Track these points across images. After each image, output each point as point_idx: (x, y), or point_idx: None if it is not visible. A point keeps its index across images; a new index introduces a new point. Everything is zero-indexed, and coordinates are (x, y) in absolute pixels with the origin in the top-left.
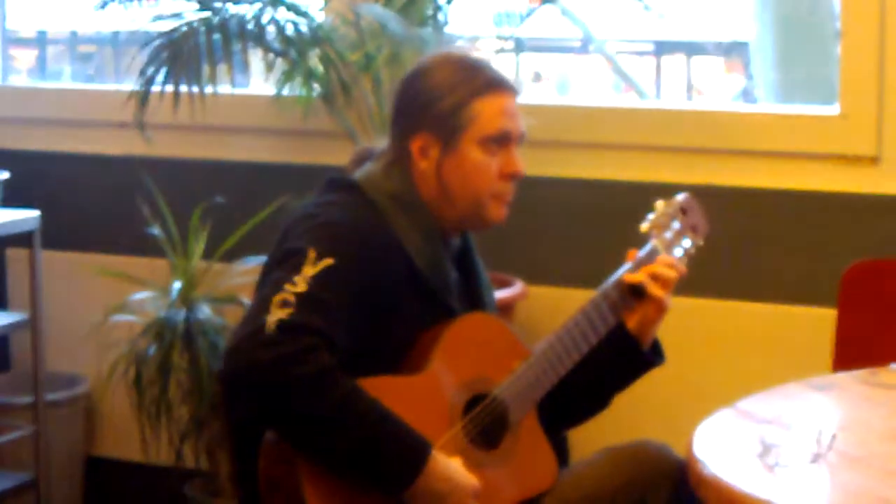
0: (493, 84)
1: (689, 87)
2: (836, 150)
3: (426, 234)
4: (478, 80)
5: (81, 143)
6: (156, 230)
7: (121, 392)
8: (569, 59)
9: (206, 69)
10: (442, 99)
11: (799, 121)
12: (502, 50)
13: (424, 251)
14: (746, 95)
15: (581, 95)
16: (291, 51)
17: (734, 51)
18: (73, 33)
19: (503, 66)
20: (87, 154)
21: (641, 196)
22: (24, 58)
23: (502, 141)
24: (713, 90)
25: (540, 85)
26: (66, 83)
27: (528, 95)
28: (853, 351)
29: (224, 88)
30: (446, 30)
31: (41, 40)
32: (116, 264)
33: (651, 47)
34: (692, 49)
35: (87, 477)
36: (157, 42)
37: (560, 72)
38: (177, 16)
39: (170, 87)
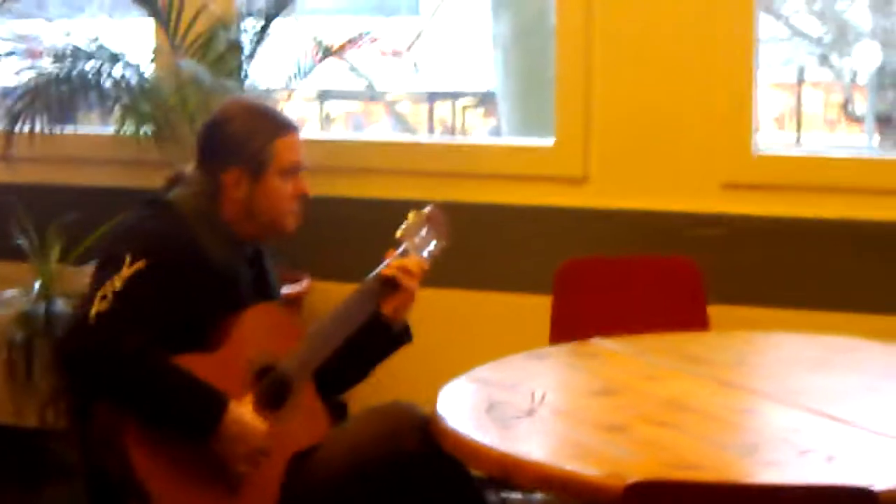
0: (284, 126)
1: (455, 129)
2: (552, 172)
3: (223, 243)
4: (272, 124)
5: None
6: (21, 240)
7: None
8: (356, 105)
9: (58, 113)
10: (247, 142)
11: (525, 150)
12: (295, 98)
13: (221, 256)
14: (496, 132)
15: (366, 132)
16: (125, 97)
17: (488, 99)
18: None
19: (293, 110)
20: None
21: (405, 210)
22: None
23: (295, 170)
24: (475, 130)
25: (331, 124)
26: None
27: (326, 131)
28: (565, 329)
29: (75, 127)
30: (248, 82)
31: None
32: None
33: (425, 96)
34: (456, 98)
35: None
36: (18, 91)
37: (351, 115)
38: (35, 69)
39: (28, 127)
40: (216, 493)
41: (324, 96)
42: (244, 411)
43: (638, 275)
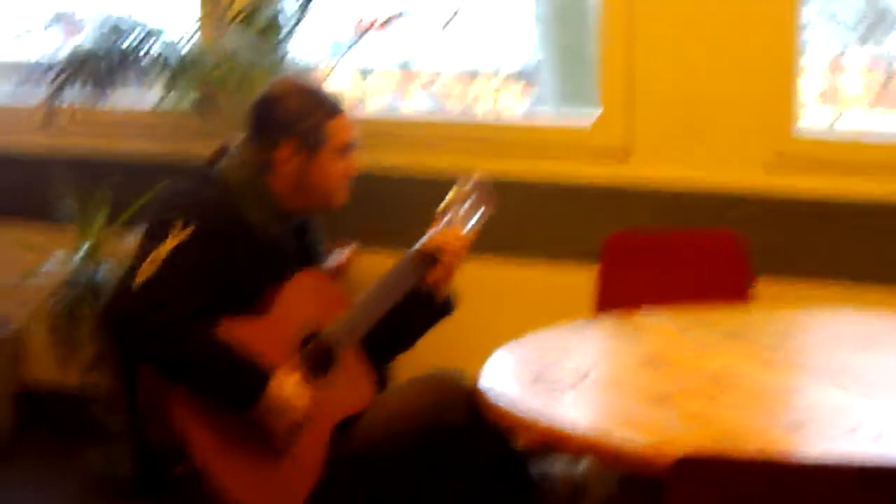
0: (338, 108)
1: (495, 104)
2: (596, 146)
3: (270, 214)
4: (326, 105)
5: (8, 140)
6: (69, 206)
7: (41, 333)
8: (394, 81)
9: (99, 87)
10: (303, 120)
11: (567, 124)
12: (337, 73)
13: (268, 227)
14: (535, 108)
15: (404, 107)
16: (166, 73)
17: (527, 74)
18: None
19: (340, 87)
20: (13, 148)
21: (444, 183)
22: None
23: (347, 149)
24: (513, 104)
25: (369, 101)
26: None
27: (365, 106)
28: (610, 301)
29: (117, 100)
30: (288, 56)
31: None
32: (37, 232)
33: (463, 72)
34: (494, 73)
35: (15, 400)
36: (65, 65)
37: (388, 91)
38: (80, 46)
39: (71, 100)
40: (261, 458)
41: (362, 72)
42: (286, 386)
43: (683, 248)
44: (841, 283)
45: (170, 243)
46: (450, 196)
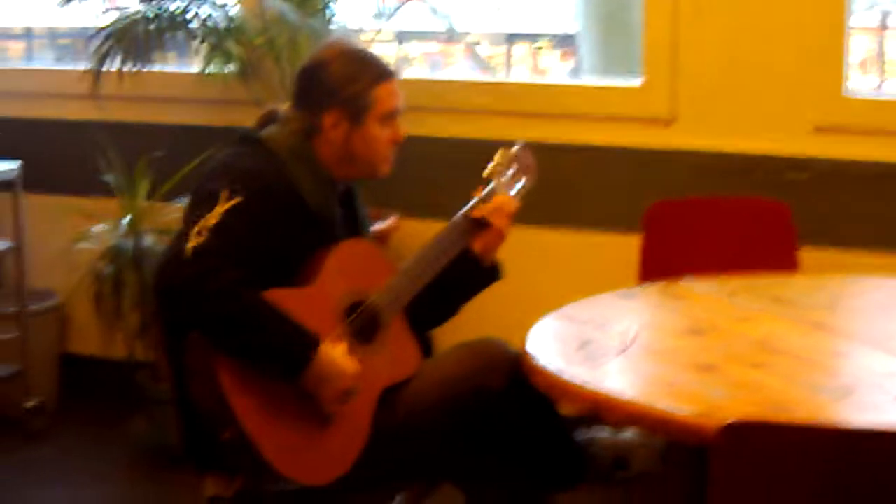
0: (386, 73)
1: (534, 70)
2: (639, 113)
3: (318, 181)
4: (373, 70)
5: (52, 111)
6: (110, 177)
7: (85, 303)
8: (436, 46)
9: (144, 52)
10: (349, 86)
11: (611, 90)
12: (379, 38)
13: (315, 194)
14: (575, 75)
15: (446, 72)
16: (212, 37)
17: (567, 41)
18: (52, 28)
19: (382, 52)
20: (57, 118)
21: (490, 149)
22: (15, 49)
23: (393, 116)
24: (552, 71)
25: (410, 66)
26: (42, 65)
27: (406, 72)
28: (654, 269)
29: (161, 66)
30: (332, 22)
31: (28, 35)
32: (80, 204)
33: (503, 37)
34: (535, 39)
35: (60, 369)
36: (107, 31)
37: (429, 56)
38: (122, 10)
39: (117, 66)
40: (307, 425)
41: (402, 37)
42: (335, 352)
43: (727, 216)
44: (889, 252)
45: (219, 210)
46: (495, 161)
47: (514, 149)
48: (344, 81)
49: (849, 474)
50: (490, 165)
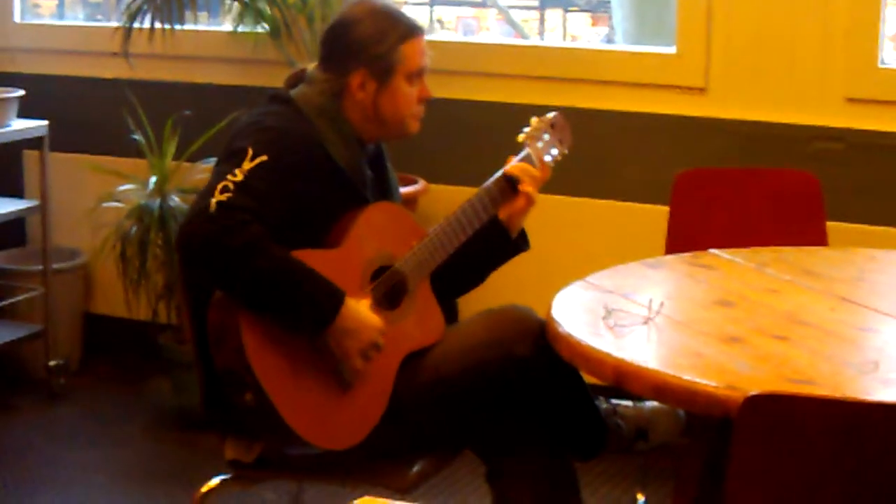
0: (413, 30)
1: (565, 36)
2: (672, 81)
3: (346, 141)
4: (400, 28)
5: (82, 69)
6: (137, 136)
7: (110, 262)
8: (470, 11)
9: (176, 10)
10: (375, 45)
11: (644, 58)
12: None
13: (344, 154)
14: (608, 42)
15: (479, 37)
16: None
17: (599, 7)
18: None
19: (415, 13)
20: (86, 77)
21: (521, 115)
22: (48, 5)
23: (420, 74)
24: (583, 38)
25: (443, 30)
26: (72, 21)
27: (438, 35)
28: (681, 239)
29: (191, 25)
30: None
31: None
32: (107, 163)
33: (536, 2)
34: (567, 4)
35: (84, 328)
36: None
37: (463, 20)
38: None
39: (148, 24)
40: (330, 389)
41: (435, 0)
42: (361, 308)
43: (756, 187)
44: None
45: (245, 167)
46: (532, 126)
47: (551, 116)
48: (370, 42)
49: (872, 448)
50: (525, 130)
